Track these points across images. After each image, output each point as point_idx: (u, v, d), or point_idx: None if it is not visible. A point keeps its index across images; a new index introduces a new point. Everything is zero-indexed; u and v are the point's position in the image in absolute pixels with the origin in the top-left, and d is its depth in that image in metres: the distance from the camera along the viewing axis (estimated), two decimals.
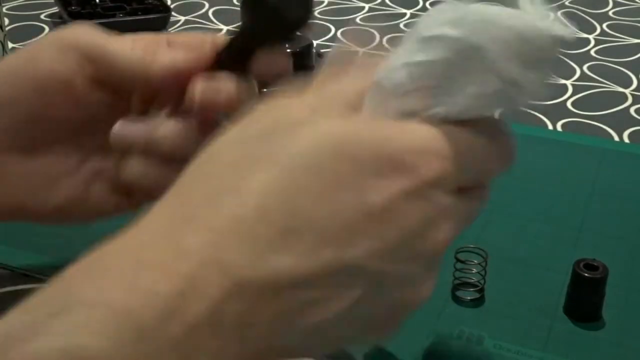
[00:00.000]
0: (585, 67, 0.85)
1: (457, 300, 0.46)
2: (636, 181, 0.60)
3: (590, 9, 1.02)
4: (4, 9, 0.96)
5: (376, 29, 0.95)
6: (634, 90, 0.80)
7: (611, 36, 0.94)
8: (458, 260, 0.46)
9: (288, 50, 0.42)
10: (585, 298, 0.44)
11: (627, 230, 0.53)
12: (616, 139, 0.70)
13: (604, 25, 0.97)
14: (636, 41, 0.92)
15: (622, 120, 0.73)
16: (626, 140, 0.69)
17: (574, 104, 0.76)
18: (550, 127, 0.71)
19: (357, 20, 0.98)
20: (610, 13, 1.01)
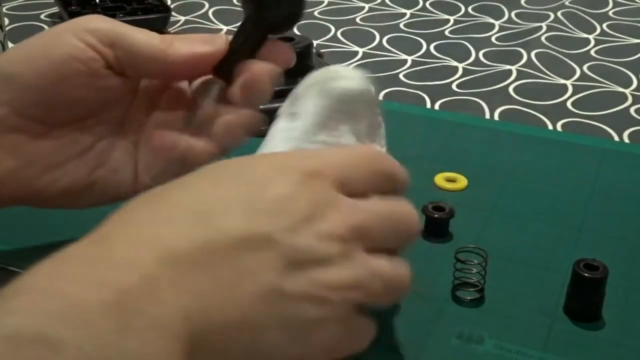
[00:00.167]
0: (585, 67, 0.85)
1: (457, 300, 0.46)
2: (636, 181, 0.60)
3: (590, 9, 1.02)
4: (4, 9, 0.96)
5: (376, 29, 0.95)
6: (634, 90, 0.80)
7: (611, 36, 0.94)
8: (458, 260, 0.46)
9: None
10: (585, 298, 0.44)
11: (627, 230, 0.53)
12: (616, 139, 0.70)
13: (604, 25, 0.97)
14: (636, 41, 0.92)
15: (622, 120, 0.73)
16: (626, 140, 0.69)
17: (574, 104, 0.76)
18: (550, 127, 0.71)
19: (357, 20, 0.98)
20: (610, 13, 1.01)
